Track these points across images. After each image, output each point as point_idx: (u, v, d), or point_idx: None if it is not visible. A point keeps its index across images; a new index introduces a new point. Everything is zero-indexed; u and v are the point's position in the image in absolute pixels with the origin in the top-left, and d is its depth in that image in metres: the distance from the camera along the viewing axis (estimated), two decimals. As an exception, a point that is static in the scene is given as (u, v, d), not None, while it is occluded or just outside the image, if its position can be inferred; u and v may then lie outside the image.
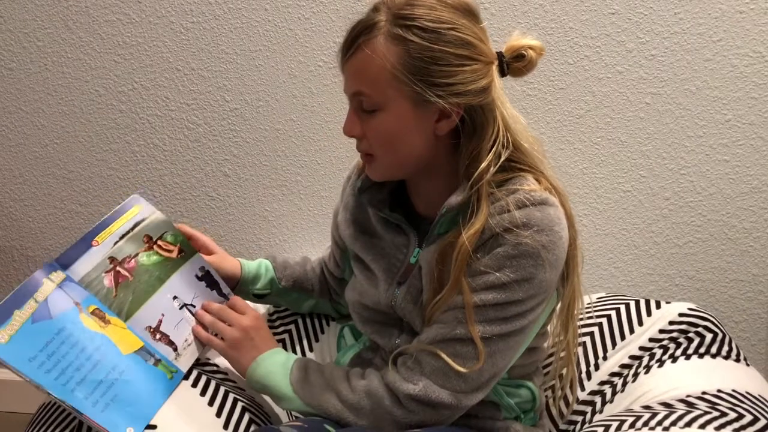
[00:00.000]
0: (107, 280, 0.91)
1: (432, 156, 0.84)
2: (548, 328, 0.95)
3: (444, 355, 0.80)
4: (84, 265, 0.90)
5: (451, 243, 0.82)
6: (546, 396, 1.04)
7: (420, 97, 0.78)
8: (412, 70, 0.77)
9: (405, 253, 0.91)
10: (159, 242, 0.98)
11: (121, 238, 0.94)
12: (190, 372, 0.93)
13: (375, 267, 0.93)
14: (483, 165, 0.80)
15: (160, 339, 0.93)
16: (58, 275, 0.86)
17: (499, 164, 0.80)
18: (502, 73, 0.83)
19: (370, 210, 0.95)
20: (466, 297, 0.79)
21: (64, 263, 0.89)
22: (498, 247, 0.79)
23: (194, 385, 0.92)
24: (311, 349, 1.16)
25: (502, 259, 0.79)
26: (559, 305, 0.91)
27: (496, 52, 0.82)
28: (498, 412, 0.90)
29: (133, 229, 0.95)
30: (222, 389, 0.93)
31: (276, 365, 0.90)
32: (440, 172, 0.86)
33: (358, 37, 0.79)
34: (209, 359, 1.03)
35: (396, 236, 0.92)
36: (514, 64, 0.83)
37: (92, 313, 0.87)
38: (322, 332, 1.19)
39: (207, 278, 1.01)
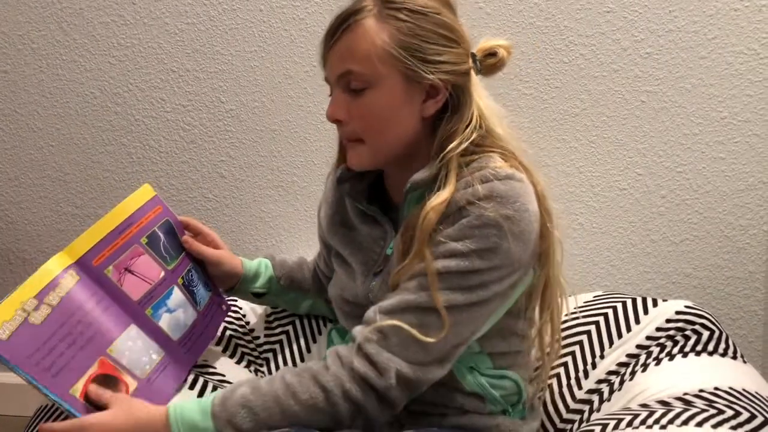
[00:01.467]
0: None
1: (415, 141, 0.86)
2: (535, 316, 0.93)
3: (407, 326, 0.79)
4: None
5: (416, 215, 0.83)
6: (541, 391, 1.04)
7: (412, 73, 0.81)
8: (404, 46, 0.80)
9: (382, 246, 0.91)
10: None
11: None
12: (188, 374, 0.93)
13: (352, 261, 0.94)
14: (454, 143, 0.82)
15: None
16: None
17: (468, 142, 0.82)
18: (476, 71, 0.87)
19: (348, 202, 0.96)
20: (429, 264, 0.79)
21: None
22: (462, 219, 0.80)
23: (191, 387, 0.92)
24: (308, 350, 1.16)
25: (465, 229, 0.79)
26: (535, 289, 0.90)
27: (470, 53, 0.86)
28: (483, 404, 0.89)
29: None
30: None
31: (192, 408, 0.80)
32: (418, 159, 0.87)
33: (346, 20, 0.81)
34: (206, 361, 1.03)
35: (373, 229, 0.92)
36: (487, 61, 0.87)
37: None
38: (320, 333, 1.18)
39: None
